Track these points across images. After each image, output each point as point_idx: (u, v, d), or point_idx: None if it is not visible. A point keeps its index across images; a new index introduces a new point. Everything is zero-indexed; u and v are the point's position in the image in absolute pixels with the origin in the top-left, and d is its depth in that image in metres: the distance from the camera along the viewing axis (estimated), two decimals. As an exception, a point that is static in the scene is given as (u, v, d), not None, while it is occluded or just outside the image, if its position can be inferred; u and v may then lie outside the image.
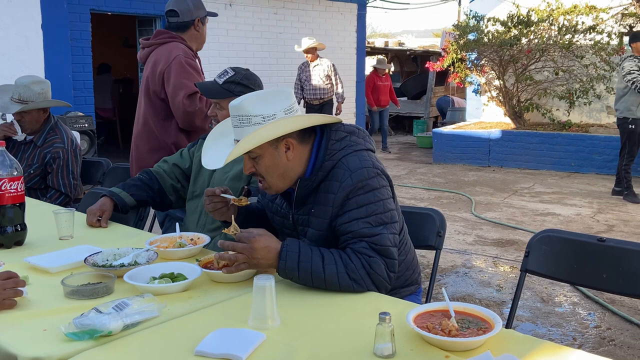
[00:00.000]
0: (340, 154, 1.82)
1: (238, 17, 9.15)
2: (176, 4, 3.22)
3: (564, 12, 8.69)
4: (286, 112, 1.79)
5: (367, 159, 1.82)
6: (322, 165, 1.81)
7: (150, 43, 3.26)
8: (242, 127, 1.78)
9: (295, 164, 1.84)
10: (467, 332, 1.39)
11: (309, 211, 1.86)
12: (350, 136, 1.86)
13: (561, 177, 8.18)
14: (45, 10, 6.85)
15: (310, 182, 1.83)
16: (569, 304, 3.79)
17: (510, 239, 5.22)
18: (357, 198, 1.77)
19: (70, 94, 6.93)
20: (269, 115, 1.76)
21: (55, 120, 3.42)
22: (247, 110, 1.76)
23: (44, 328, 1.48)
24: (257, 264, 1.72)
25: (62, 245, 2.19)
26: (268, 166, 1.81)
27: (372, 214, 1.76)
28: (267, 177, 1.84)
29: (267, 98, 1.79)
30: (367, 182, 1.78)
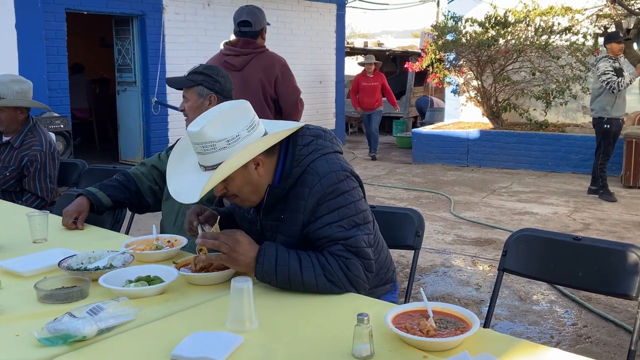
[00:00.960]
0: (309, 159, 1.79)
1: (216, 17, 9.09)
2: (249, 16, 3.81)
3: (540, 13, 8.80)
4: (249, 129, 1.72)
5: (335, 162, 1.80)
6: (290, 172, 1.78)
7: (248, 51, 3.77)
8: (207, 154, 1.70)
9: (266, 177, 1.80)
10: (445, 332, 1.39)
11: (278, 217, 1.84)
12: (317, 139, 1.83)
13: (538, 176, 8.28)
14: (19, 10, 6.73)
15: (279, 190, 1.80)
16: (546, 302, 3.84)
17: (488, 238, 5.27)
18: (328, 203, 1.75)
19: (45, 95, 6.82)
20: (233, 137, 1.69)
21: (34, 122, 3.34)
22: (210, 137, 1.68)
23: (16, 333, 1.45)
24: (236, 259, 1.70)
25: (35, 248, 2.14)
26: (240, 186, 1.77)
27: (345, 217, 1.75)
28: (240, 195, 1.80)
29: (226, 119, 1.70)
30: (336, 186, 1.76)
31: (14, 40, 6.72)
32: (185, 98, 2.55)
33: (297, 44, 10.43)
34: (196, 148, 1.73)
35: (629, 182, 7.28)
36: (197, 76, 2.53)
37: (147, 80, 8.39)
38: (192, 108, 2.53)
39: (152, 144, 8.58)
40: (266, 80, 3.73)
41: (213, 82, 2.54)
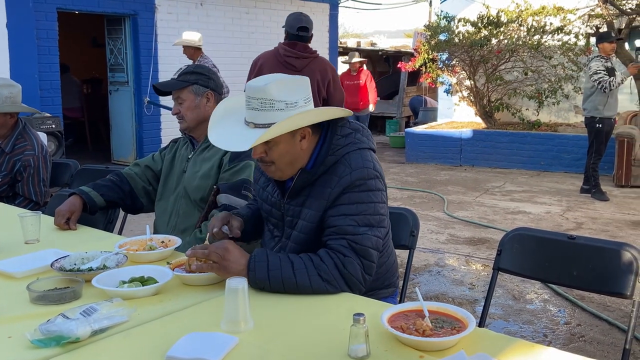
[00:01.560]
0: (344, 150, 1.82)
1: (209, 17, 9.06)
2: (307, 23, 4.41)
3: (532, 13, 8.84)
4: (306, 101, 1.79)
5: (368, 160, 1.83)
6: (324, 160, 1.81)
7: (306, 55, 4.35)
8: (262, 111, 1.74)
9: (306, 153, 1.84)
10: (441, 331, 1.39)
11: (302, 202, 1.85)
12: (355, 133, 1.87)
13: (531, 175, 8.31)
14: (10, 9, 6.68)
15: (309, 175, 1.83)
16: (540, 301, 3.85)
17: (482, 237, 5.28)
18: (350, 194, 1.77)
19: (36, 95, 6.78)
20: (292, 102, 1.75)
21: (23, 125, 3.27)
22: (271, 95, 1.73)
23: (9, 335, 1.44)
24: (227, 267, 1.70)
25: (28, 249, 2.13)
26: (282, 153, 1.80)
27: (361, 214, 1.76)
28: (277, 163, 1.82)
29: (289, 85, 1.77)
30: (365, 181, 1.78)
31: (5, 40, 6.67)
32: (179, 99, 2.53)
33: (290, 44, 10.41)
34: (252, 103, 1.76)
35: (621, 181, 7.32)
36: (190, 76, 2.53)
37: (139, 80, 8.35)
38: (189, 108, 2.52)
39: (145, 144, 8.54)
40: (321, 82, 4.31)
41: (207, 80, 2.54)
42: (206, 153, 2.54)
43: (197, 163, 2.54)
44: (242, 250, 1.75)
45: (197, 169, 2.53)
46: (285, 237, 1.91)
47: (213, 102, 2.54)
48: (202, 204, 2.50)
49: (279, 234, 1.96)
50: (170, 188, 2.60)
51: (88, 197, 2.48)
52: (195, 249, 1.76)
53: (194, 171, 2.53)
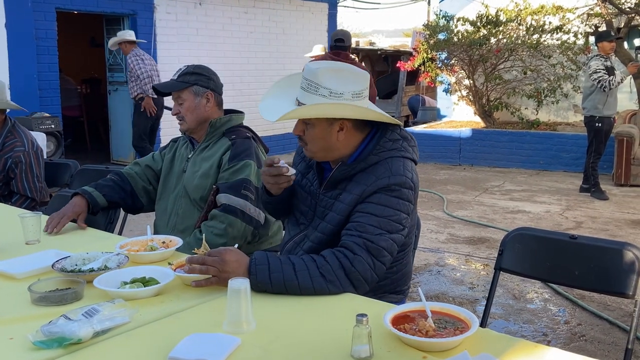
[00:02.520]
0: (388, 154, 1.83)
1: (208, 16, 9.05)
2: (343, 35, 5.76)
3: (531, 12, 8.84)
4: (354, 95, 1.79)
5: (409, 170, 1.84)
6: (366, 157, 1.83)
7: (346, 61, 4.87)
8: (308, 92, 1.78)
9: (343, 146, 1.85)
10: (444, 332, 1.39)
11: (337, 196, 1.87)
12: (403, 141, 1.88)
13: (530, 175, 8.31)
14: (8, 9, 6.66)
15: (348, 169, 1.84)
16: (540, 301, 3.85)
17: (482, 236, 5.28)
18: (382, 195, 1.78)
19: (36, 94, 6.77)
20: (337, 92, 1.76)
21: (12, 123, 3.26)
22: (319, 79, 1.76)
23: (10, 336, 1.43)
24: (227, 278, 1.67)
25: (28, 250, 2.12)
26: (316, 137, 1.83)
27: (385, 217, 1.77)
28: (309, 145, 1.86)
29: (342, 75, 1.78)
30: (400, 188, 1.79)
31: (3, 40, 6.66)
32: (179, 99, 2.53)
33: (289, 43, 10.41)
34: (303, 82, 1.80)
35: (620, 180, 7.32)
36: (190, 77, 2.52)
37: (138, 79, 8.32)
38: (189, 108, 2.52)
39: (144, 144, 8.52)
40: None
41: (207, 80, 2.54)
42: (206, 152, 2.54)
43: (197, 162, 2.54)
44: (240, 257, 1.72)
45: (196, 168, 2.52)
46: (313, 227, 1.92)
47: (213, 102, 2.54)
48: (201, 203, 2.49)
49: (306, 222, 1.96)
50: (170, 188, 2.59)
51: (91, 197, 2.47)
52: (191, 261, 1.72)
53: (193, 171, 2.53)
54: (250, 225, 2.41)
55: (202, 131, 2.57)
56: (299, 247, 1.94)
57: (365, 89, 1.83)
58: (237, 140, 2.50)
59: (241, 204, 2.38)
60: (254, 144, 2.53)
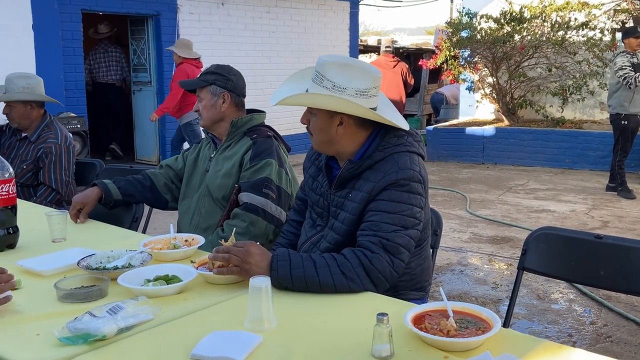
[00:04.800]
0: (394, 149, 1.84)
1: (230, 16, 9.10)
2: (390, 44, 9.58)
3: (556, 8, 8.70)
4: (359, 93, 1.80)
5: (416, 164, 1.84)
6: (372, 154, 1.84)
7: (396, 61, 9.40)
8: (314, 82, 1.82)
9: (344, 140, 1.87)
10: (465, 332, 1.38)
11: (347, 195, 1.88)
12: (408, 137, 1.89)
13: (555, 173, 8.19)
14: (36, 11, 6.78)
15: (355, 167, 1.86)
16: (565, 301, 3.79)
17: (505, 236, 5.22)
18: (392, 191, 1.78)
19: (62, 94, 6.87)
20: (340, 87, 1.78)
21: (51, 119, 3.42)
22: (325, 72, 1.79)
23: (37, 333, 1.46)
24: (249, 270, 1.70)
25: (54, 247, 2.16)
26: (316, 128, 1.88)
27: (398, 213, 1.76)
28: (313, 135, 1.91)
29: (349, 71, 1.80)
30: (409, 182, 1.79)
31: (31, 41, 6.78)
32: (199, 98, 2.59)
33: (311, 42, 10.42)
34: (313, 74, 1.84)
35: (647, 179, 7.18)
36: (210, 76, 2.57)
37: (162, 80, 8.42)
38: (206, 107, 2.57)
39: (167, 143, 8.60)
40: (402, 75, 9.31)
41: (225, 81, 2.56)
42: (228, 152, 2.56)
43: (219, 162, 2.56)
44: (264, 251, 1.75)
45: (219, 167, 2.55)
46: (329, 227, 1.93)
47: (229, 103, 2.56)
48: (224, 202, 2.52)
49: (322, 224, 1.99)
50: (193, 187, 2.63)
51: (105, 187, 2.57)
52: (217, 251, 1.76)
53: (216, 170, 2.56)
54: (272, 224, 2.42)
55: (220, 129, 2.60)
56: (316, 247, 1.95)
57: (373, 88, 1.83)
58: (258, 140, 2.52)
59: (262, 203, 2.40)
60: (275, 143, 2.54)
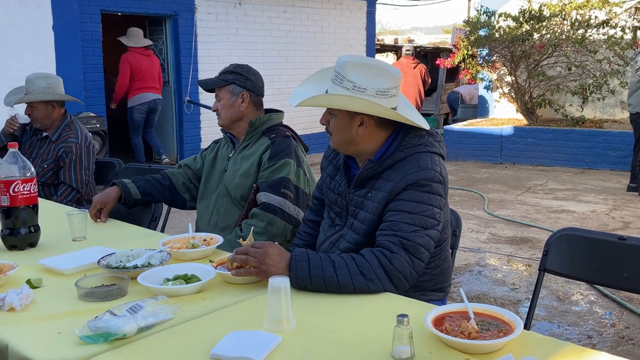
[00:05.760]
0: (414, 150, 1.83)
1: (247, 16, 9.12)
2: (410, 48, 10.20)
3: (576, 6, 8.59)
4: (379, 93, 1.79)
5: (437, 164, 1.83)
6: (393, 154, 1.84)
7: (416, 63, 10.01)
8: (334, 83, 1.82)
9: (365, 140, 1.87)
10: (487, 334, 1.36)
11: (366, 194, 1.88)
12: (429, 137, 1.88)
13: (575, 173, 8.09)
14: (56, 11, 6.86)
15: (375, 166, 1.85)
16: (586, 303, 3.74)
17: (524, 236, 5.17)
18: (413, 191, 1.77)
19: (81, 94, 6.94)
20: (360, 87, 1.78)
21: (71, 119, 3.46)
22: (345, 72, 1.79)
23: (58, 331, 1.47)
24: (267, 271, 1.69)
25: (75, 246, 2.18)
26: (337, 128, 1.87)
27: (418, 213, 1.76)
28: (333, 135, 1.90)
29: (369, 71, 1.80)
30: (429, 183, 1.79)
31: (51, 42, 6.85)
32: (218, 97, 2.59)
33: (327, 42, 10.42)
34: (333, 74, 1.84)
35: (670, 179, 7.05)
36: (228, 75, 2.57)
37: (180, 79, 8.47)
38: (225, 106, 2.57)
39: (185, 143, 8.67)
40: (421, 76, 9.82)
41: (244, 80, 2.56)
42: (246, 151, 2.56)
43: (238, 162, 2.57)
44: (283, 252, 1.75)
45: (237, 167, 2.55)
46: (348, 227, 1.92)
47: (248, 102, 2.56)
48: (242, 202, 2.52)
49: (341, 223, 1.98)
50: (211, 187, 2.64)
51: (124, 187, 2.59)
52: (236, 252, 1.76)
53: (234, 170, 2.56)
54: (290, 224, 2.42)
55: (238, 129, 2.61)
56: (335, 246, 1.95)
57: (393, 87, 1.82)
58: (276, 139, 2.52)
59: (280, 203, 2.40)
60: (293, 143, 2.54)
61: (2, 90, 4.16)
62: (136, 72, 7.66)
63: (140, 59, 7.72)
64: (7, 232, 2.12)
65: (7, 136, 3.58)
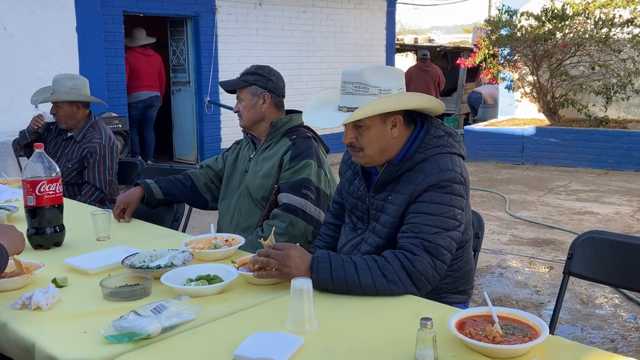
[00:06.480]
0: (434, 151, 1.83)
1: (267, 16, 9.15)
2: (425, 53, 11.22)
3: (600, 5, 8.46)
4: (399, 90, 1.83)
5: (458, 165, 1.83)
6: (412, 156, 1.83)
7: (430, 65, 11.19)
8: (356, 95, 1.80)
9: (395, 143, 1.87)
10: (512, 338, 1.34)
11: (386, 197, 1.87)
12: (448, 137, 1.88)
13: (598, 174, 7.98)
14: (79, 13, 6.95)
15: (395, 169, 1.85)
16: (610, 306, 3.68)
17: (546, 238, 5.11)
18: (434, 193, 1.77)
19: (104, 95, 7.02)
20: (386, 89, 1.80)
21: (95, 119, 3.52)
22: (366, 80, 1.79)
23: (84, 330, 1.49)
24: (288, 273, 1.70)
25: (99, 246, 2.20)
26: (372, 138, 1.84)
27: (439, 215, 1.75)
28: (367, 149, 1.86)
29: (385, 73, 1.83)
30: (450, 184, 1.78)
31: (75, 43, 6.94)
32: (239, 99, 2.60)
33: (347, 42, 10.40)
34: (347, 88, 1.82)
35: (697, 180, 6.92)
36: (250, 76, 2.57)
37: (200, 80, 8.53)
38: (246, 107, 2.58)
39: (205, 143, 8.72)
40: (437, 76, 11.04)
41: (266, 81, 2.57)
42: (267, 152, 2.57)
43: (259, 162, 2.57)
44: (304, 253, 1.74)
45: (258, 168, 2.56)
46: (370, 230, 1.92)
47: (269, 103, 2.57)
48: (263, 202, 2.52)
49: (363, 227, 1.98)
50: (233, 187, 2.65)
51: (147, 187, 2.62)
52: (256, 260, 1.76)
53: (255, 170, 2.57)
54: (311, 225, 2.42)
55: (259, 130, 2.61)
56: (356, 249, 1.94)
57: (403, 83, 1.87)
58: (297, 140, 2.52)
59: (301, 203, 2.40)
60: (314, 144, 2.54)
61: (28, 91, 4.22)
62: (134, 71, 7.98)
63: (138, 58, 8.08)
64: (33, 232, 2.15)
65: (31, 133, 3.67)
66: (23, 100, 4.67)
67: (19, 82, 6.32)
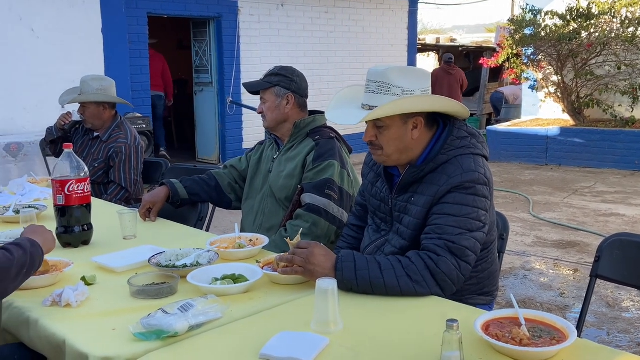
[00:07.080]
0: (457, 152, 1.82)
1: (289, 17, 9.18)
2: (450, 56, 11.12)
3: (626, 4, 8.32)
4: (423, 91, 1.82)
5: (481, 166, 1.82)
6: (435, 157, 1.83)
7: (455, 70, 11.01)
8: (379, 94, 1.81)
9: (416, 144, 1.86)
10: (539, 341, 1.33)
11: (409, 199, 1.87)
12: (471, 138, 1.87)
13: (624, 175, 7.84)
14: (105, 15, 7.05)
15: (418, 171, 1.85)
16: (637, 309, 3.62)
17: (571, 240, 5.04)
18: (457, 194, 1.76)
19: (128, 96, 7.11)
20: (409, 90, 1.80)
21: (121, 120, 3.58)
22: (390, 79, 1.79)
23: (112, 327, 1.51)
24: (313, 271, 1.71)
25: (126, 245, 2.24)
26: (392, 138, 1.84)
27: (463, 216, 1.74)
28: (385, 148, 1.86)
29: (410, 74, 1.83)
30: (474, 185, 1.77)
31: (100, 44, 7.05)
32: (263, 100, 2.61)
33: (369, 42, 10.39)
34: (371, 87, 1.83)
35: None
36: (273, 77, 2.58)
37: (223, 80, 8.59)
38: (270, 108, 2.59)
39: (227, 143, 8.78)
40: (461, 79, 10.95)
41: (289, 82, 2.58)
42: (290, 153, 2.58)
43: (282, 163, 2.59)
44: (329, 253, 1.75)
45: (282, 168, 2.57)
46: (394, 232, 1.92)
47: (293, 104, 2.58)
48: (287, 203, 2.54)
49: (387, 228, 1.98)
50: (256, 188, 2.66)
51: (172, 187, 2.65)
52: (282, 258, 1.77)
53: (279, 171, 2.58)
54: (334, 225, 2.43)
55: (283, 130, 2.62)
56: (380, 251, 1.94)
57: (430, 86, 1.86)
58: (320, 141, 2.52)
59: (325, 204, 2.41)
60: (337, 144, 2.54)
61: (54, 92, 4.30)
62: None
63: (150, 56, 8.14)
64: (62, 230, 2.20)
65: (57, 130, 3.76)
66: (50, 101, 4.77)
67: (46, 83, 6.44)
